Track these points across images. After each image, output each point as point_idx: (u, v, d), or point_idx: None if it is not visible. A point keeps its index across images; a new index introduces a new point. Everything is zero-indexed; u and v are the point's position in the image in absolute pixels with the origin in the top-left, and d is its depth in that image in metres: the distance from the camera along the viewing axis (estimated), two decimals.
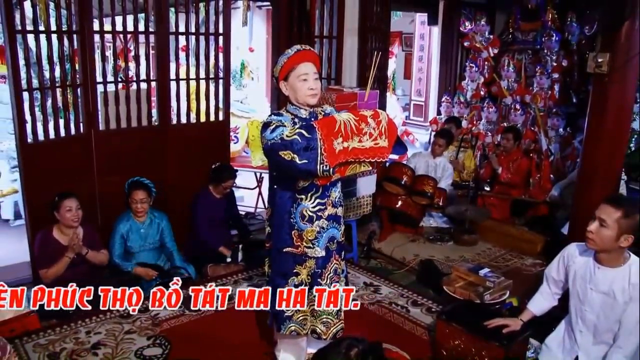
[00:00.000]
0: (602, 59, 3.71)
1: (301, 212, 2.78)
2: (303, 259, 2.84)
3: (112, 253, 4.22)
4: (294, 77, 2.71)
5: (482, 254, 5.05)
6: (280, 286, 2.88)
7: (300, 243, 2.82)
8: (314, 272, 2.87)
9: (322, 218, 2.82)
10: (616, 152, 3.95)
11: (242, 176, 7.14)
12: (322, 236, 2.84)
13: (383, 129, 2.59)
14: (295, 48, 2.76)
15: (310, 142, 2.41)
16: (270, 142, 2.51)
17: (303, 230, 2.80)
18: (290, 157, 2.43)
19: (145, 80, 4.65)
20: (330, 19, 5.43)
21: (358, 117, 2.54)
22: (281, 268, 2.89)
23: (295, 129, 2.47)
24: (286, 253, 2.84)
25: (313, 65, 2.76)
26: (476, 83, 7.16)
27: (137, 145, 4.58)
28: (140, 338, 3.50)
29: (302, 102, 2.75)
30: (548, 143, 6.34)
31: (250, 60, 9.17)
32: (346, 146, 2.48)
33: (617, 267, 2.61)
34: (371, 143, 2.56)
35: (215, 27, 4.94)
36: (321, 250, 2.84)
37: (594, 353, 2.72)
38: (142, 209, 4.29)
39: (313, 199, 2.77)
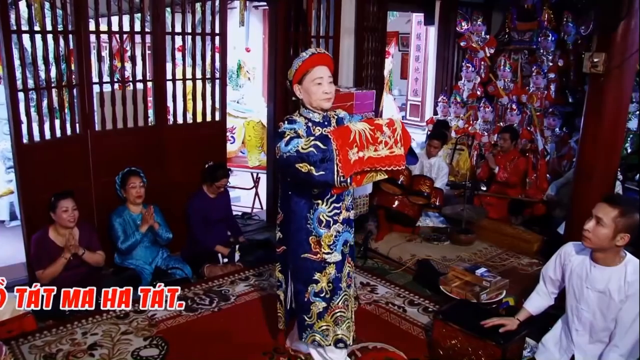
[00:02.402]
0: (598, 59, 3.72)
1: (318, 217, 2.76)
2: (322, 266, 2.81)
3: (117, 241, 4.25)
4: (308, 81, 2.70)
5: (478, 254, 5.05)
6: (302, 292, 2.86)
7: (318, 249, 2.79)
8: (334, 278, 2.85)
9: (337, 222, 2.81)
10: (612, 152, 3.96)
11: (239, 176, 7.16)
12: (339, 240, 2.83)
13: (398, 136, 2.56)
14: (310, 51, 2.75)
15: (326, 154, 2.39)
16: (286, 154, 2.48)
17: (321, 236, 2.78)
18: (307, 169, 2.41)
19: (142, 81, 4.64)
20: (327, 19, 5.43)
21: (373, 125, 2.50)
22: (300, 274, 2.86)
23: (310, 141, 2.43)
24: (305, 259, 2.81)
25: (327, 68, 2.73)
26: (473, 83, 7.16)
27: (134, 145, 4.58)
28: (137, 339, 3.50)
29: (316, 105, 2.74)
30: (544, 143, 6.35)
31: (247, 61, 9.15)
32: (361, 156, 2.45)
33: (613, 266, 2.62)
34: (387, 151, 2.53)
35: (211, 27, 4.94)
36: (338, 255, 2.83)
37: (590, 352, 2.73)
38: (140, 194, 4.33)
39: (329, 203, 2.77)
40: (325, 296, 2.85)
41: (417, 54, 10.54)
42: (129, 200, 4.36)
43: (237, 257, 4.67)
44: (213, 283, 4.33)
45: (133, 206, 4.38)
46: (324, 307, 2.86)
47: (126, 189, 4.35)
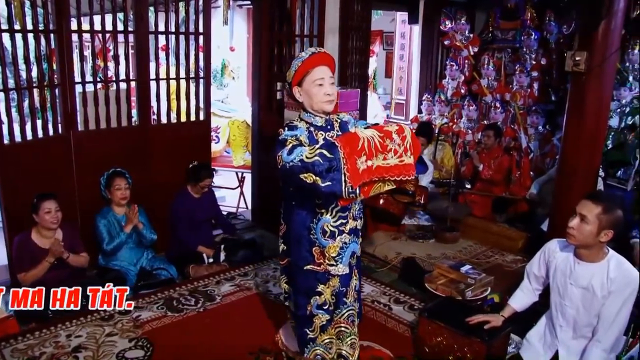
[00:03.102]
0: (580, 58, 3.76)
1: (322, 228, 2.63)
2: (326, 277, 2.69)
3: (102, 243, 4.21)
4: (308, 82, 2.57)
5: (463, 251, 5.08)
6: (303, 305, 2.74)
7: (322, 260, 2.67)
8: (338, 292, 2.73)
9: (344, 232, 2.68)
10: (594, 149, 4.00)
11: (224, 176, 7.13)
12: (345, 252, 2.70)
13: (408, 144, 2.45)
14: (309, 51, 2.61)
15: (332, 163, 2.25)
16: (289, 164, 2.34)
17: (325, 247, 2.65)
18: (313, 179, 2.28)
19: (125, 80, 4.61)
20: (311, 18, 5.42)
21: (382, 133, 2.39)
22: (303, 286, 2.75)
23: (315, 149, 2.30)
24: (307, 271, 2.69)
25: (329, 68, 2.60)
26: (456, 81, 7.20)
27: (117, 146, 4.54)
28: (121, 340, 3.47)
29: (317, 108, 2.60)
30: (528, 141, 6.39)
31: (231, 60, 9.13)
32: (370, 165, 2.33)
33: (596, 262, 2.65)
34: (396, 160, 2.42)
35: (195, 26, 4.92)
36: (345, 267, 2.70)
37: (574, 347, 2.76)
38: (125, 196, 4.30)
39: (334, 212, 2.63)
40: (329, 308, 2.74)
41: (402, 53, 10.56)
42: (113, 202, 4.33)
43: (222, 257, 4.66)
44: (198, 283, 4.31)
45: (117, 207, 4.34)
46: (328, 320, 2.76)
47: (111, 191, 4.31)
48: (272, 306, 3.99)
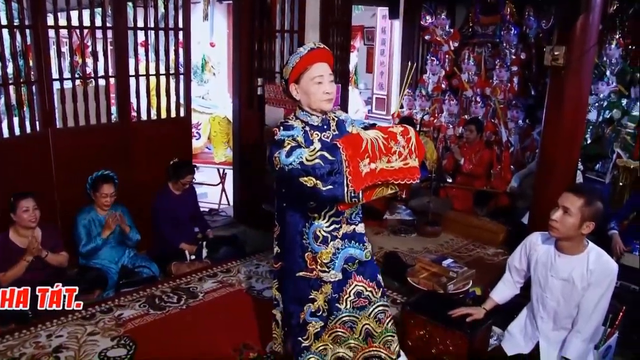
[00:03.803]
0: (559, 52, 3.79)
1: (314, 233, 2.53)
2: (319, 283, 2.58)
3: (79, 244, 4.16)
4: (306, 80, 2.44)
5: (445, 245, 5.12)
6: (295, 313, 2.62)
7: (314, 266, 2.56)
8: (330, 298, 2.61)
9: (337, 238, 2.57)
10: (573, 143, 4.04)
11: (205, 172, 7.10)
12: (338, 258, 2.58)
13: (413, 146, 2.34)
14: (308, 46, 2.48)
15: (334, 165, 2.14)
16: (287, 167, 2.22)
17: (317, 253, 2.54)
18: (313, 183, 2.16)
19: (104, 77, 4.56)
20: (292, 13, 5.40)
21: (387, 134, 2.28)
22: (295, 293, 2.62)
23: (316, 151, 2.18)
24: (300, 277, 2.58)
25: (328, 65, 2.48)
26: (437, 76, 7.23)
27: (97, 143, 4.49)
28: (103, 339, 3.43)
29: (315, 107, 2.47)
30: (508, 134, 6.45)
31: (212, 56, 9.06)
32: (373, 168, 2.21)
33: (576, 254, 2.68)
34: (400, 163, 2.30)
35: (175, 22, 4.87)
36: (337, 273, 2.58)
37: (554, 338, 2.79)
38: (109, 203, 4.25)
39: (327, 217, 2.52)
40: (322, 315, 2.62)
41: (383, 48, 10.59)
42: (96, 204, 4.28)
43: (204, 254, 4.64)
44: (180, 280, 4.29)
45: (100, 209, 4.29)
46: (321, 327, 2.63)
47: (96, 195, 4.23)
48: (255, 302, 3.98)
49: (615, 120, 5.40)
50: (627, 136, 5.23)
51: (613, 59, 5.38)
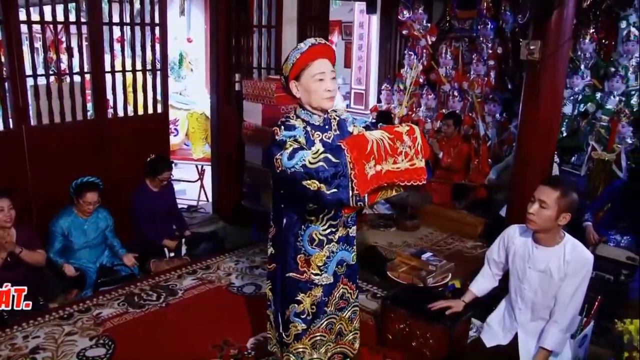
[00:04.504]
0: (534, 47, 3.83)
1: (310, 235, 2.48)
2: (308, 286, 2.53)
3: (49, 248, 4.08)
4: (307, 77, 2.35)
5: (424, 239, 5.15)
6: (282, 310, 2.60)
7: (306, 269, 2.51)
8: (319, 301, 2.57)
9: (332, 241, 2.53)
10: (549, 136, 4.10)
11: (183, 169, 7.06)
12: (332, 261, 2.55)
13: (419, 146, 2.27)
14: (309, 42, 2.37)
15: (338, 168, 2.06)
16: (290, 170, 2.14)
17: (311, 255, 2.50)
18: (317, 186, 2.08)
19: (79, 73, 4.49)
20: (269, 8, 5.38)
21: (392, 134, 2.20)
22: (283, 291, 2.59)
23: (319, 153, 2.10)
24: (289, 278, 2.54)
25: (329, 62, 2.39)
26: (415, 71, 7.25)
27: (73, 140, 4.43)
28: (82, 339, 3.40)
29: (316, 105, 2.39)
30: (485, 128, 6.49)
31: (189, 51, 8.99)
32: (379, 169, 2.14)
33: (553, 246, 2.71)
34: (407, 164, 2.23)
35: (151, 17, 4.82)
36: (329, 277, 2.56)
37: (532, 328, 2.82)
38: (92, 210, 4.20)
39: (324, 220, 2.47)
40: (306, 318, 2.58)
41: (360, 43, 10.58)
42: (78, 209, 4.21)
43: (183, 251, 4.62)
44: (160, 278, 4.26)
45: (81, 213, 4.23)
46: (303, 330, 2.59)
47: (79, 201, 4.15)
48: (236, 299, 3.97)
49: (589, 113, 5.47)
50: (601, 129, 5.30)
51: (587, 53, 5.45)
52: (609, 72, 5.35)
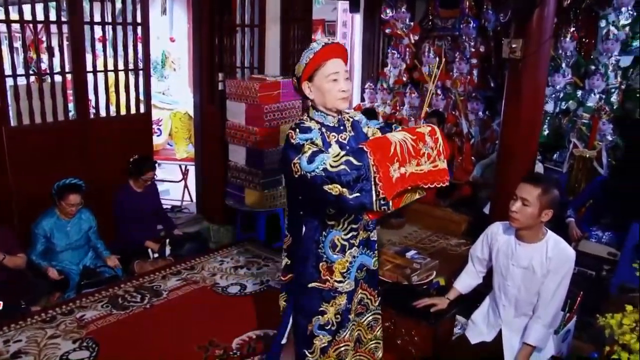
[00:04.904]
0: (516, 45, 3.86)
1: (332, 241, 2.37)
2: (332, 295, 2.41)
3: (31, 250, 4.04)
4: (321, 77, 2.28)
5: (409, 237, 5.17)
6: (303, 325, 2.44)
7: (329, 277, 2.39)
8: (344, 309, 2.46)
9: (354, 246, 2.43)
10: (531, 133, 4.12)
11: (167, 169, 7.01)
12: (353, 266, 2.45)
13: (441, 147, 2.22)
14: (321, 41, 2.30)
15: (361, 171, 1.97)
16: (310, 174, 2.04)
17: (334, 262, 2.38)
18: (339, 191, 1.99)
19: (60, 73, 4.44)
20: (252, 8, 5.36)
21: (415, 135, 2.13)
22: (306, 306, 2.44)
23: (341, 156, 2.02)
24: (312, 289, 2.40)
25: (342, 62, 2.32)
26: (398, 69, 7.28)
27: (54, 141, 4.37)
28: (65, 342, 3.37)
29: (331, 106, 2.31)
30: (469, 126, 6.54)
31: (172, 51, 8.93)
32: (403, 172, 2.06)
33: (535, 243, 2.73)
34: (430, 166, 2.16)
35: (132, 16, 4.78)
36: (352, 282, 2.45)
37: (516, 325, 2.84)
38: (75, 212, 4.16)
39: (346, 224, 2.37)
40: (331, 328, 2.45)
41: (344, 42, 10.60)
42: (60, 211, 4.16)
43: (167, 252, 4.59)
44: (144, 279, 4.23)
45: (64, 214, 4.18)
46: (329, 341, 2.47)
47: (62, 203, 4.10)
48: (220, 299, 3.96)
49: (571, 111, 5.53)
50: (582, 127, 5.36)
51: (568, 51, 5.50)
52: (589, 70, 5.41)
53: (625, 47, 5.22)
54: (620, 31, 5.13)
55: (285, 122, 4.85)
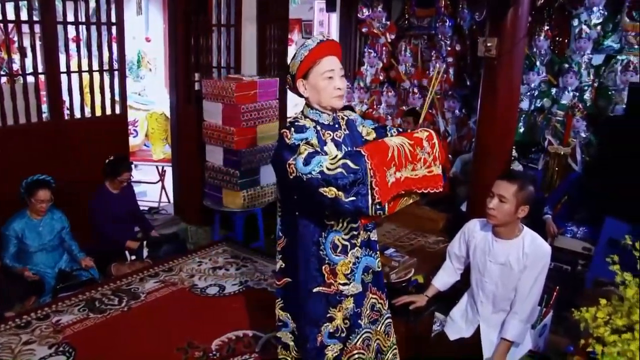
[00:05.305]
0: (491, 44, 3.90)
1: (333, 242, 2.30)
2: (338, 299, 2.34)
3: (4, 254, 3.97)
4: (316, 75, 2.24)
5: (387, 235, 5.18)
6: (312, 336, 2.34)
7: (333, 280, 2.31)
8: (352, 314, 2.39)
9: (356, 246, 2.37)
10: (507, 131, 4.17)
11: (144, 170, 6.95)
12: (358, 268, 2.38)
13: (437, 153, 2.22)
14: (316, 39, 2.26)
15: (357, 175, 1.96)
16: (306, 177, 2.01)
17: (336, 264, 2.31)
18: (334, 194, 1.98)
19: (33, 73, 4.37)
20: (228, 7, 5.34)
21: (413, 140, 2.13)
22: (312, 313, 2.35)
23: (338, 159, 2.00)
24: (317, 294, 2.32)
25: (337, 59, 2.28)
26: (375, 68, 7.30)
27: (28, 142, 4.31)
28: (41, 348, 3.31)
29: (326, 104, 2.28)
30: (445, 124, 6.58)
31: (148, 51, 8.86)
32: (399, 177, 2.06)
33: (512, 239, 2.76)
34: (425, 171, 2.16)
35: (107, 16, 4.74)
36: (358, 285, 2.38)
37: (494, 321, 2.87)
38: (45, 209, 4.08)
39: (345, 224, 2.32)
40: (341, 335, 2.38)
41: None
42: (31, 209, 4.09)
43: (145, 254, 4.54)
44: (121, 282, 4.18)
45: (35, 214, 4.11)
46: (340, 349, 2.39)
47: (31, 200, 4.03)
48: (199, 300, 3.93)
49: (545, 108, 5.60)
50: (557, 124, 5.44)
51: (542, 50, 5.57)
52: (563, 69, 5.48)
53: (597, 45, 5.30)
54: (592, 30, 5.21)
55: (262, 122, 4.84)
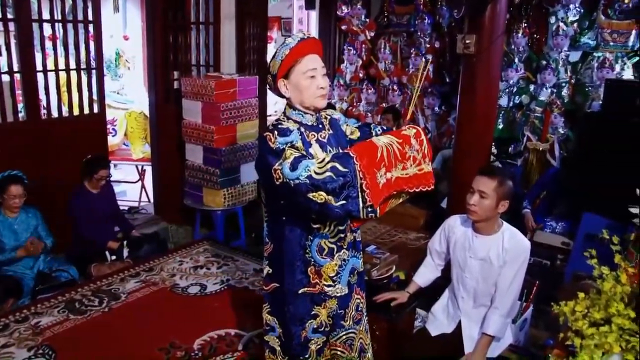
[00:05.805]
0: (470, 41, 3.93)
1: (319, 245, 2.26)
2: (322, 298, 2.32)
3: None
4: (297, 74, 2.16)
5: (368, 232, 5.19)
6: (297, 333, 2.34)
7: (318, 280, 2.29)
8: (335, 314, 2.37)
9: (342, 248, 2.32)
10: (486, 127, 4.21)
11: (124, 170, 6.89)
12: (344, 270, 2.34)
13: (425, 149, 2.17)
14: (297, 37, 2.19)
15: (347, 178, 1.91)
16: (293, 182, 1.95)
17: (322, 266, 2.28)
18: (324, 198, 1.92)
19: (8, 72, 4.31)
20: (206, 5, 5.31)
21: (401, 138, 2.09)
22: (297, 313, 2.32)
23: (326, 162, 1.94)
24: (302, 294, 2.30)
25: (319, 57, 2.22)
26: (354, 66, 7.30)
27: (4, 142, 4.25)
28: (19, 350, 3.27)
29: (309, 104, 2.20)
30: (425, 121, 6.62)
31: (126, 49, 8.76)
32: (389, 177, 2.01)
33: (492, 234, 2.79)
34: (415, 170, 2.12)
35: (84, 13, 4.68)
36: (343, 287, 2.34)
37: (475, 316, 2.90)
38: (18, 205, 4.01)
39: (332, 227, 2.26)
40: (325, 330, 2.38)
41: None
42: (4, 206, 4.03)
43: (125, 254, 4.50)
44: (102, 282, 4.14)
45: (9, 212, 4.05)
46: (324, 342, 2.40)
47: (4, 196, 3.97)
48: (181, 300, 3.91)
49: (524, 105, 5.66)
50: (535, 120, 5.50)
51: (520, 46, 5.62)
52: (540, 65, 5.54)
53: (574, 42, 5.37)
54: (569, 27, 5.28)
55: (242, 120, 4.82)
